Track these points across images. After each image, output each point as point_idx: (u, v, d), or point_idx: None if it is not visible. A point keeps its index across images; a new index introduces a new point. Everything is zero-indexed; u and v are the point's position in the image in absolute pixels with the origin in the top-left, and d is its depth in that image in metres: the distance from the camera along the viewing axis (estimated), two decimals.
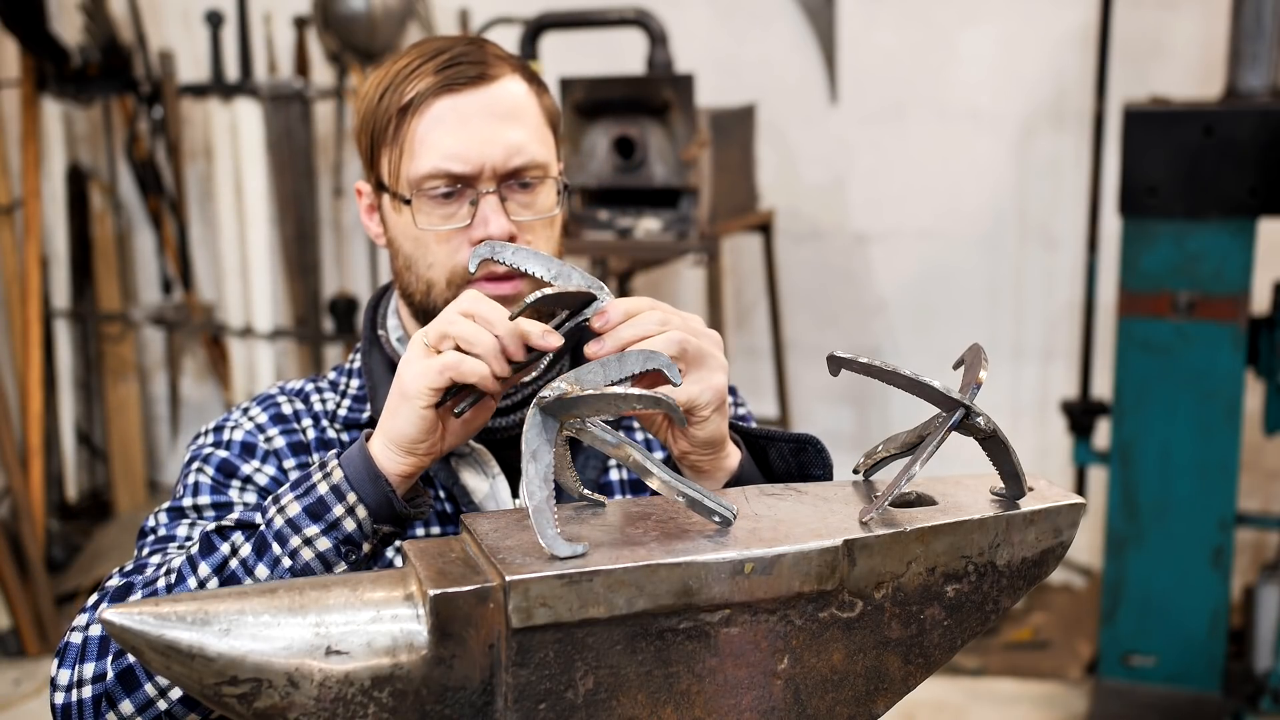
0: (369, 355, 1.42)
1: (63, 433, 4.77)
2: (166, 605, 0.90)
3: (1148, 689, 3.29)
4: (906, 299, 4.31)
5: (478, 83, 1.32)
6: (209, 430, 1.38)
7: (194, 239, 4.87)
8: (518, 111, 1.34)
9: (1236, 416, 3.16)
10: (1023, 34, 4.05)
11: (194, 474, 1.33)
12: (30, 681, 3.94)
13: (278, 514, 1.13)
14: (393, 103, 1.33)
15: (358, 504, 1.12)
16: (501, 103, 1.33)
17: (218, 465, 1.33)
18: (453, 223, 1.33)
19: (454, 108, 1.32)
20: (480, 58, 1.34)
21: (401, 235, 1.37)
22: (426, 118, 1.32)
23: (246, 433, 1.36)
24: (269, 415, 1.38)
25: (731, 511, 0.98)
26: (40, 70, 4.39)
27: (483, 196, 1.32)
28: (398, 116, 1.33)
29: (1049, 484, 1.11)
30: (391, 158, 1.34)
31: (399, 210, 1.35)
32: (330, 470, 1.14)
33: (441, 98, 1.32)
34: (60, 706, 1.16)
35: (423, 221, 1.33)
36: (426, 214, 1.33)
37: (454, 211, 1.33)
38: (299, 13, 4.52)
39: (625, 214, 3.58)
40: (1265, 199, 3.07)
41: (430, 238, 1.34)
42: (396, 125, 1.33)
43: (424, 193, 1.33)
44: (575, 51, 4.09)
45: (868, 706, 1.02)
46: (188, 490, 1.32)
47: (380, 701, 0.89)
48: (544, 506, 0.94)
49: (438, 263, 1.34)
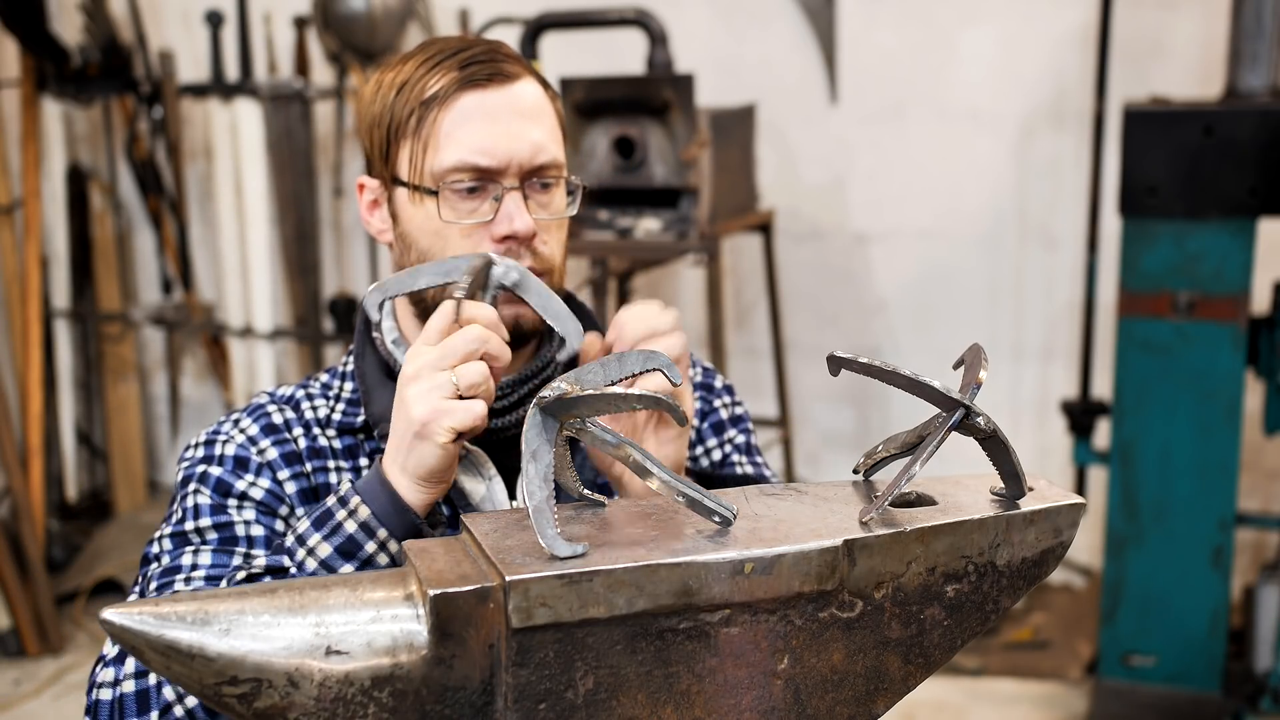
0: (362, 359, 1.42)
1: (63, 433, 4.78)
2: (166, 605, 0.90)
3: (1148, 689, 3.29)
4: (906, 299, 4.31)
5: (499, 81, 1.33)
6: (199, 444, 1.37)
7: (194, 239, 4.87)
8: (538, 112, 1.35)
9: (1236, 416, 3.16)
10: (1023, 34, 4.05)
11: (192, 496, 1.32)
12: (30, 682, 3.94)
13: (309, 556, 1.16)
14: (414, 96, 1.33)
15: (389, 539, 1.17)
16: (523, 101, 1.34)
17: (214, 485, 1.32)
18: (475, 217, 1.34)
19: (480, 103, 1.32)
20: (497, 58, 1.35)
21: (419, 230, 1.36)
22: (452, 112, 1.32)
23: (238, 446, 1.35)
24: (260, 426, 1.37)
25: (731, 511, 0.98)
26: (40, 70, 4.39)
27: (507, 192, 1.33)
28: (420, 109, 1.32)
29: (1049, 484, 1.11)
30: (414, 151, 1.34)
31: (419, 203, 1.35)
32: (355, 507, 1.18)
33: (467, 93, 1.32)
34: None
35: (447, 214, 1.33)
36: (450, 206, 1.33)
37: (476, 207, 1.34)
38: (299, 13, 4.52)
39: (625, 214, 3.58)
40: (1265, 199, 3.07)
41: (453, 231, 1.34)
42: (419, 118, 1.33)
43: (448, 186, 1.33)
44: (575, 51, 4.09)
45: (868, 706, 1.02)
46: (188, 514, 1.31)
47: (380, 701, 0.89)
48: (544, 506, 0.94)
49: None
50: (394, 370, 1.39)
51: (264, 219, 4.37)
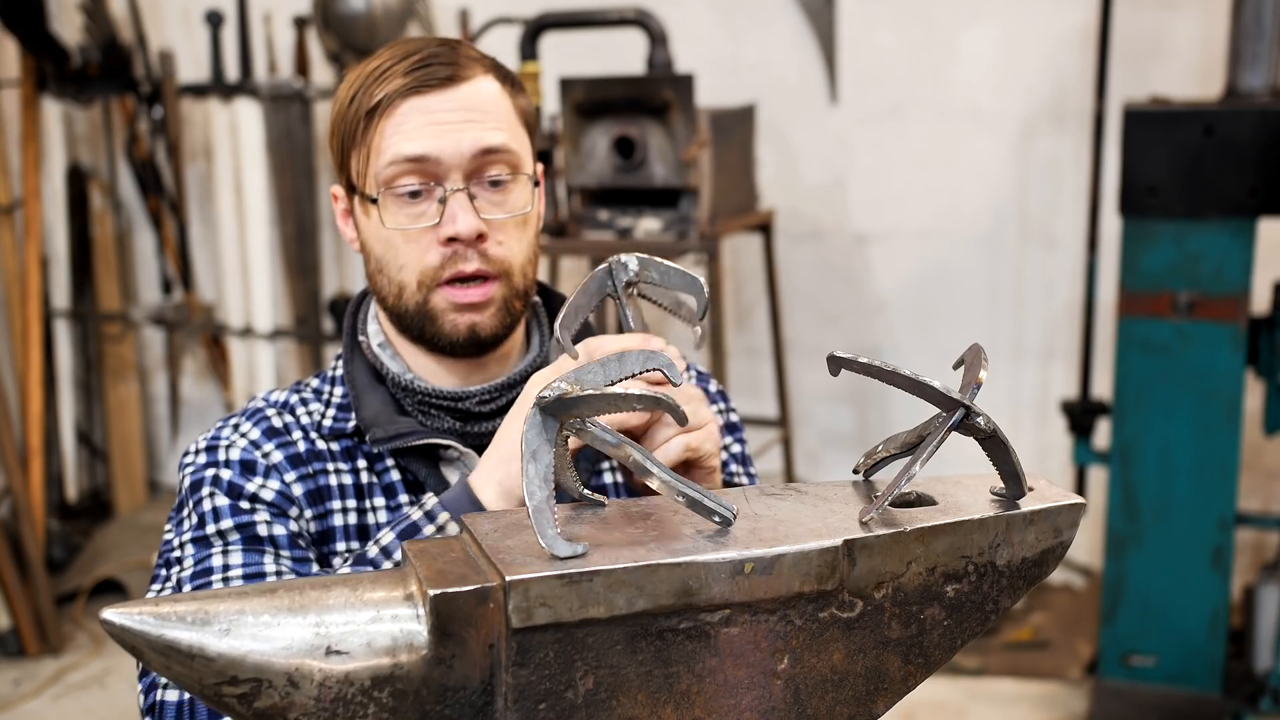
0: (350, 363, 1.41)
1: (63, 433, 4.78)
2: (166, 605, 0.90)
3: (1148, 689, 3.29)
4: (906, 299, 4.31)
5: (447, 84, 1.31)
6: (199, 450, 1.35)
7: (194, 239, 4.87)
8: (487, 110, 1.33)
9: (1236, 416, 3.16)
10: (1023, 34, 4.05)
11: (208, 500, 1.30)
12: (30, 681, 3.94)
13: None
14: (362, 105, 1.32)
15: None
16: (470, 101, 1.32)
17: (226, 489, 1.31)
18: (421, 222, 1.32)
19: (421, 107, 1.31)
20: (452, 59, 1.33)
21: (372, 238, 1.36)
22: (393, 118, 1.31)
23: (243, 450, 1.34)
24: (261, 430, 1.37)
25: (731, 511, 0.98)
26: (40, 70, 4.39)
27: (451, 194, 1.31)
28: (365, 119, 1.32)
29: (1049, 484, 1.11)
30: (360, 159, 1.34)
31: (368, 212, 1.35)
32: (444, 525, 1.19)
33: (410, 99, 1.31)
34: None
35: (390, 220, 1.32)
36: (394, 213, 1.32)
37: (422, 210, 1.32)
38: (299, 13, 4.52)
39: (625, 214, 3.58)
40: (1265, 199, 3.07)
41: (399, 238, 1.33)
42: (364, 127, 1.32)
43: (391, 191, 1.32)
44: (575, 51, 4.09)
45: (868, 706, 1.02)
46: (207, 517, 1.29)
47: (380, 701, 0.89)
48: (544, 506, 0.94)
49: (408, 264, 1.33)
50: (381, 373, 1.40)
51: (264, 219, 4.37)
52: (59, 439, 4.78)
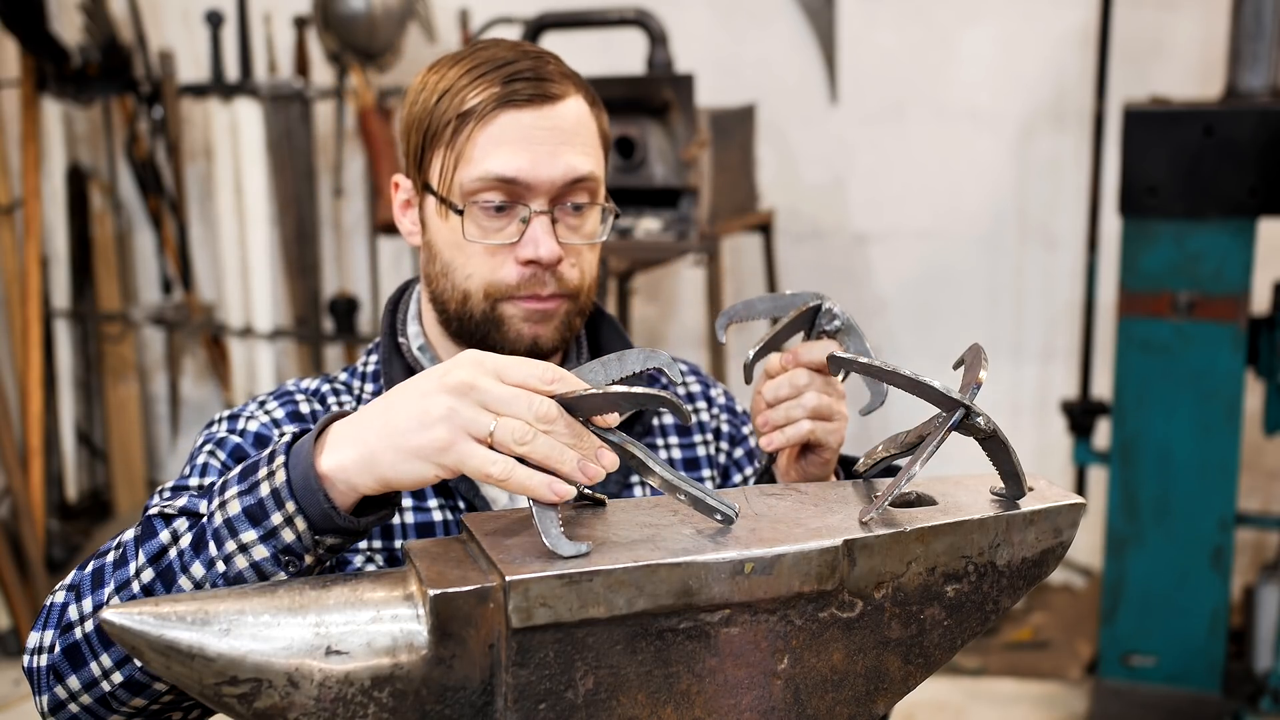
0: (389, 363, 1.40)
1: (63, 433, 4.77)
2: (166, 605, 0.90)
3: (1148, 689, 3.29)
4: (906, 299, 4.31)
5: (541, 101, 1.30)
6: (224, 418, 1.35)
7: (194, 239, 4.87)
8: (578, 133, 1.33)
9: (1236, 416, 3.16)
10: (1023, 34, 4.05)
11: (204, 455, 1.29)
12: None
13: (219, 509, 1.03)
14: (452, 107, 1.31)
15: (297, 514, 1.00)
16: (563, 122, 1.31)
17: (230, 451, 1.30)
18: (500, 238, 1.32)
19: (516, 123, 1.30)
20: (545, 74, 1.32)
21: (444, 242, 1.35)
22: (488, 129, 1.30)
23: (262, 425, 1.33)
24: (286, 412, 1.36)
25: (733, 511, 0.98)
26: (40, 70, 4.39)
27: (535, 216, 1.31)
28: (457, 122, 1.30)
29: (1049, 484, 1.11)
30: (445, 163, 1.32)
31: (445, 217, 1.34)
32: (275, 470, 1.02)
33: (505, 111, 1.29)
34: (25, 669, 1.18)
35: (471, 232, 1.32)
36: (475, 224, 1.32)
37: (503, 227, 1.32)
38: (299, 13, 4.52)
39: (625, 214, 3.58)
40: (1265, 199, 3.07)
41: (476, 250, 1.32)
42: (455, 131, 1.31)
43: (476, 203, 1.31)
44: (575, 51, 4.07)
45: (868, 706, 1.02)
46: (195, 470, 1.28)
47: (380, 701, 0.89)
48: (547, 506, 0.94)
49: (477, 274, 1.33)
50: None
51: (264, 219, 4.37)
52: (59, 439, 4.78)
